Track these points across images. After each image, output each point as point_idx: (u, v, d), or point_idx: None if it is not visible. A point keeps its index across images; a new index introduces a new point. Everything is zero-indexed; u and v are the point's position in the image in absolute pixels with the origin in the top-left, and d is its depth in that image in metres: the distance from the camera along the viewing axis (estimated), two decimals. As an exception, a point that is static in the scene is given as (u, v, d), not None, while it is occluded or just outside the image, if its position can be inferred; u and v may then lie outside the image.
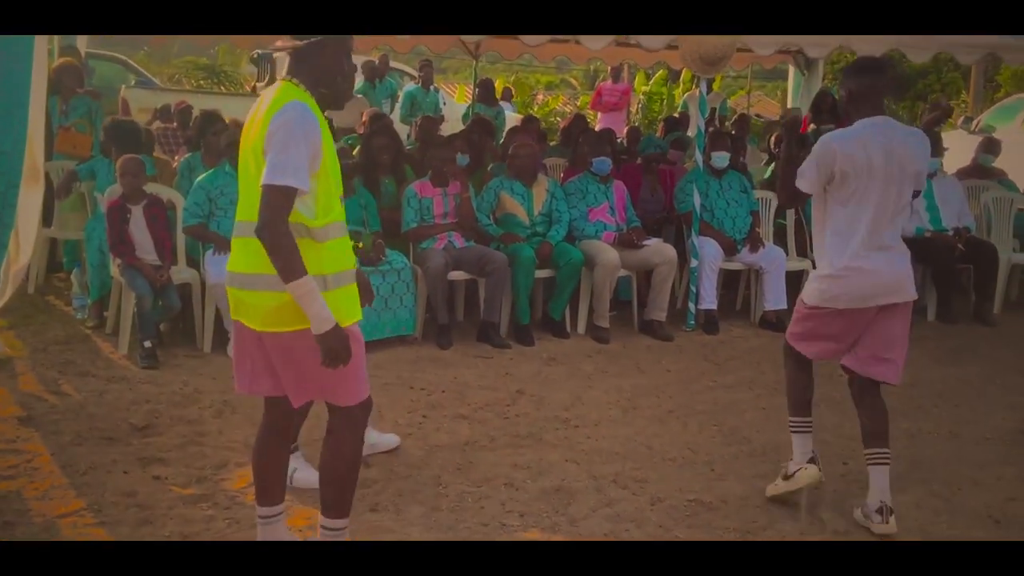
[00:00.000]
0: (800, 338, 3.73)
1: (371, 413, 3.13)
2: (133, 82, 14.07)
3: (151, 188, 5.63)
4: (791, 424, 3.78)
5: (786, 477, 3.70)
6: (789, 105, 11.19)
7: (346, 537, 2.94)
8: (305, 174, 2.62)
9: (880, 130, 3.49)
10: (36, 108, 4.43)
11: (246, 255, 2.76)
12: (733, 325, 6.52)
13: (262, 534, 3.04)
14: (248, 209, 2.75)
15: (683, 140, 8.28)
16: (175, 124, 9.27)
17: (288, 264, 2.58)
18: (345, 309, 2.75)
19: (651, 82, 17.23)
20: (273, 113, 2.64)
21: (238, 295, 2.81)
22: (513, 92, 17.22)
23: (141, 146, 6.60)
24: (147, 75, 15.31)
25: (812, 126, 9.17)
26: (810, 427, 3.77)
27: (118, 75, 14.30)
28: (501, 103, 12.90)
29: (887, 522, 3.46)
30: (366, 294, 3.04)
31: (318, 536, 2.94)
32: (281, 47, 2.80)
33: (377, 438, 4.03)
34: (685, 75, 15.39)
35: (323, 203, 2.72)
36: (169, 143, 8.73)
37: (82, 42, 8.31)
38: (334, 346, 2.64)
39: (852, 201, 3.48)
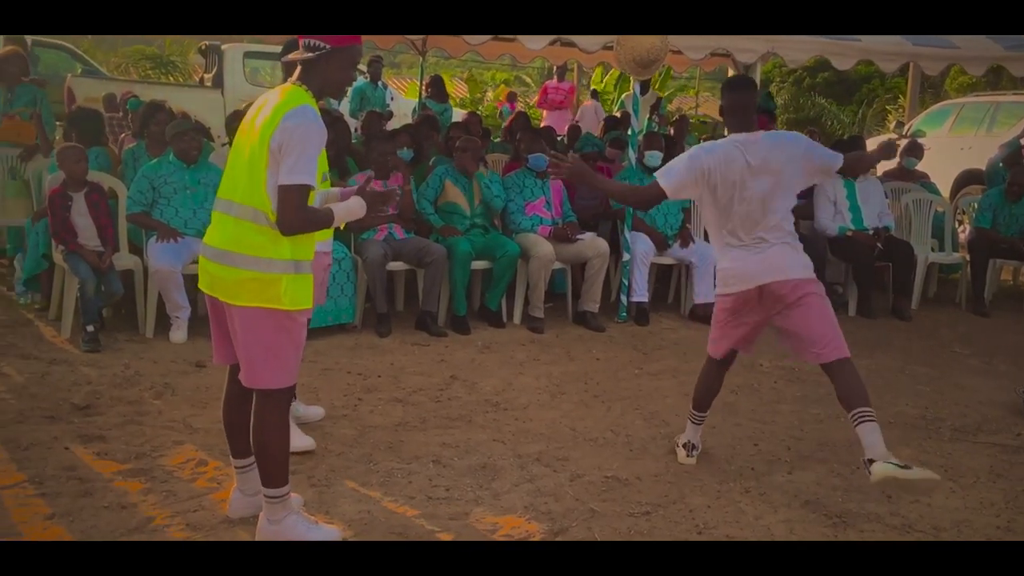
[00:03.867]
0: (711, 340, 4.04)
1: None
2: (79, 71, 13.98)
3: (92, 176, 5.73)
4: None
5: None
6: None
7: (289, 501, 3.16)
8: (314, 174, 2.92)
9: (740, 145, 3.78)
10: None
11: (221, 231, 3.03)
12: (664, 317, 6.79)
13: (239, 480, 3.35)
14: (232, 188, 3.03)
15: (621, 139, 8.53)
16: (120, 113, 9.31)
17: (323, 225, 3.03)
18: (303, 295, 3.04)
19: (604, 81, 17.51)
20: (285, 112, 2.89)
21: (209, 267, 3.05)
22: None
23: (102, 134, 6.76)
24: (93, 64, 15.23)
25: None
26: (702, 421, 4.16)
27: (64, 63, 14.23)
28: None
29: (872, 473, 3.50)
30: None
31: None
32: (294, 59, 3.04)
33: (304, 410, 4.22)
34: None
35: None
36: (115, 132, 8.78)
37: (27, 30, 8.33)
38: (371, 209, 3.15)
39: (727, 206, 3.78)
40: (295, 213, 2.90)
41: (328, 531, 3.23)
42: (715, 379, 4.09)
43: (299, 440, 3.98)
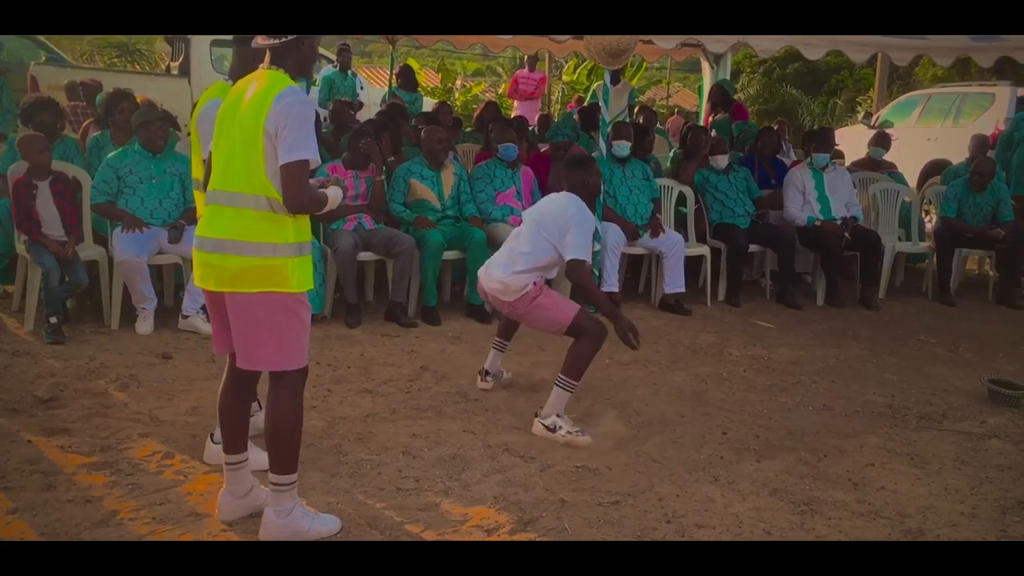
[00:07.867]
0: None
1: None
2: (43, 58, 13.74)
3: (57, 165, 5.64)
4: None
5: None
6: (702, 97, 11.58)
7: (295, 492, 3.13)
8: (316, 148, 2.95)
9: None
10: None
11: (218, 221, 3.00)
12: (635, 307, 6.81)
13: (228, 480, 3.25)
14: (224, 179, 3.00)
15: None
16: (84, 102, 9.17)
17: (321, 206, 3.03)
18: (306, 276, 3.07)
19: (578, 72, 17.49)
20: (274, 95, 2.91)
21: (207, 258, 3.02)
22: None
23: (58, 122, 6.60)
24: (58, 52, 14.94)
25: (712, 117, 9.55)
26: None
27: (28, 51, 13.95)
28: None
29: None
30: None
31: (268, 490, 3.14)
32: (263, 44, 3.04)
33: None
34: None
35: None
36: (78, 120, 8.65)
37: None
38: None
39: None
40: (300, 189, 2.93)
41: (328, 519, 3.21)
42: None
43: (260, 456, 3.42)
